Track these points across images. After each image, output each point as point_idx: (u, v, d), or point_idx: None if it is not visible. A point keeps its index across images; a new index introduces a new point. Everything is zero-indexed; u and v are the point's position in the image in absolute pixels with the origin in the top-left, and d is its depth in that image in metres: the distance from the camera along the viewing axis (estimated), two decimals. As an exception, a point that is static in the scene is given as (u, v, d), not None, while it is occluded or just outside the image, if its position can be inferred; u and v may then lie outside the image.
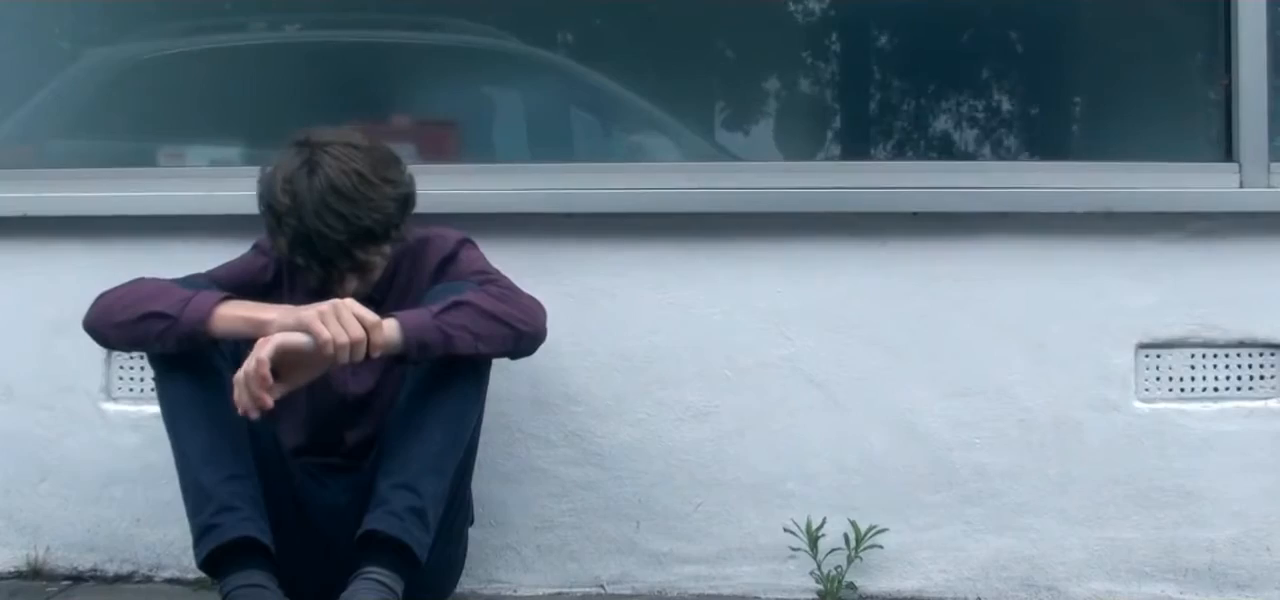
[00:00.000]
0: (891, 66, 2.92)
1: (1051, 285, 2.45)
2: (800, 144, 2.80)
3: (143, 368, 2.50)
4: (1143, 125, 2.72)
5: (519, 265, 2.20)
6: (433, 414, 2.02)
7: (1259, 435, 2.43)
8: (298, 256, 2.02)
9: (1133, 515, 2.43)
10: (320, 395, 2.16)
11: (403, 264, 2.19)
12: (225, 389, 1.93)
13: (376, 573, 1.94)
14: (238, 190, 2.15)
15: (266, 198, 2.03)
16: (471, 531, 2.34)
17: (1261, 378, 2.45)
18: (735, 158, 2.75)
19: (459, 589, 2.35)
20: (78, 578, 2.53)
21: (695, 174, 2.55)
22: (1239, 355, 2.45)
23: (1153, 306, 2.44)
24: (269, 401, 1.86)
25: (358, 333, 1.88)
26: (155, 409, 2.04)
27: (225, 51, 2.91)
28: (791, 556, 2.41)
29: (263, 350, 1.84)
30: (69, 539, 2.54)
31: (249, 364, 1.83)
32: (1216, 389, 2.45)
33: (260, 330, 1.90)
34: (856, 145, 2.85)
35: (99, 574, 2.54)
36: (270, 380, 1.85)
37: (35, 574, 2.53)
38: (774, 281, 2.45)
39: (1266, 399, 2.45)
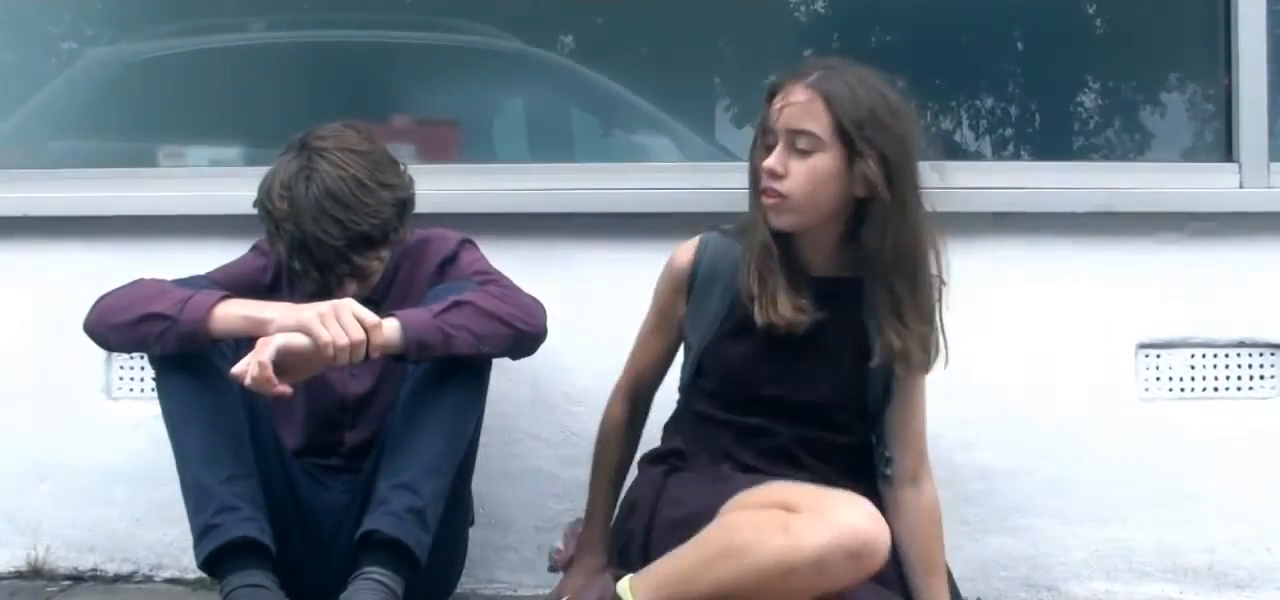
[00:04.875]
0: (891, 67, 2.90)
1: (1051, 285, 2.45)
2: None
3: (143, 367, 2.50)
4: (1143, 125, 2.72)
5: (519, 265, 2.20)
6: (433, 414, 2.02)
7: (1259, 435, 2.43)
8: (295, 261, 2.02)
9: (1133, 515, 2.43)
10: (320, 396, 2.16)
11: (403, 265, 2.19)
12: (226, 389, 1.93)
13: (376, 573, 1.93)
14: (238, 190, 2.15)
15: (264, 203, 2.03)
16: (471, 531, 2.34)
17: (1261, 378, 2.45)
18: (735, 158, 2.74)
19: (459, 589, 2.35)
20: (78, 578, 2.53)
21: (695, 174, 2.55)
22: (1239, 355, 2.45)
23: (1153, 306, 2.44)
24: (280, 388, 1.85)
25: (358, 334, 1.88)
26: (155, 409, 2.03)
27: (225, 51, 2.91)
28: (791, 556, 2.41)
29: (263, 353, 1.84)
30: (69, 539, 2.54)
31: (252, 369, 1.83)
32: (1216, 389, 2.45)
33: (259, 329, 1.89)
34: (856, 145, 2.85)
35: (99, 574, 2.54)
36: (275, 381, 1.85)
37: (35, 574, 2.53)
38: (774, 281, 2.45)
39: (1266, 399, 2.45)
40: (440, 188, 2.39)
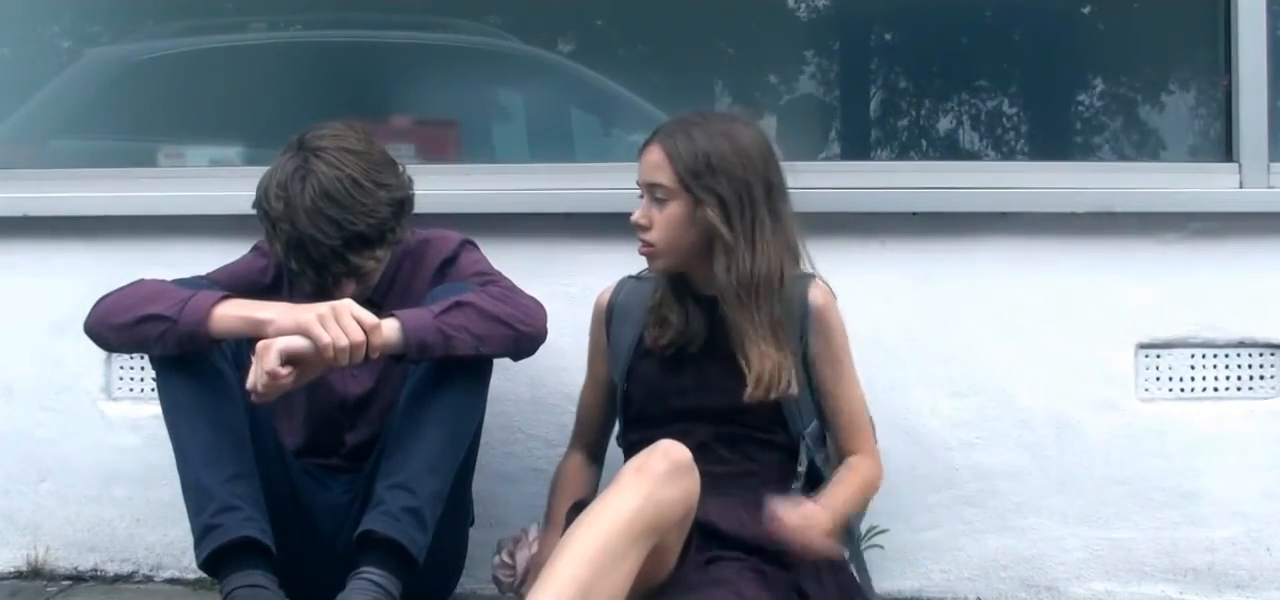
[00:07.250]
0: (892, 66, 2.92)
1: (1051, 285, 2.45)
2: (800, 144, 2.80)
3: (143, 367, 2.50)
4: (1143, 125, 2.72)
5: (519, 265, 2.20)
6: (432, 414, 2.01)
7: (1259, 435, 2.43)
8: (292, 261, 2.02)
9: (1133, 515, 2.43)
10: (320, 397, 2.16)
11: (403, 265, 2.19)
12: (226, 389, 1.93)
13: (372, 573, 1.93)
14: (238, 190, 2.15)
15: (262, 203, 2.03)
16: (471, 531, 2.34)
17: (1261, 378, 2.45)
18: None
19: (459, 589, 2.35)
20: (78, 578, 2.53)
21: (695, 174, 2.55)
22: (1239, 355, 2.45)
23: (1153, 306, 2.44)
24: (284, 377, 1.86)
25: (358, 336, 1.87)
26: (155, 409, 2.03)
27: (225, 51, 2.91)
28: (791, 556, 2.41)
29: (267, 360, 1.84)
30: (69, 539, 2.55)
31: (261, 376, 1.84)
32: (1216, 389, 2.45)
33: (259, 330, 1.89)
34: (856, 145, 2.86)
35: (99, 574, 2.54)
36: (281, 373, 1.85)
37: (35, 574, 2.53)
38: (774, 281, 2.45)
39: (1266, 399, 2.45)
40: (440, 188, 2.39)
